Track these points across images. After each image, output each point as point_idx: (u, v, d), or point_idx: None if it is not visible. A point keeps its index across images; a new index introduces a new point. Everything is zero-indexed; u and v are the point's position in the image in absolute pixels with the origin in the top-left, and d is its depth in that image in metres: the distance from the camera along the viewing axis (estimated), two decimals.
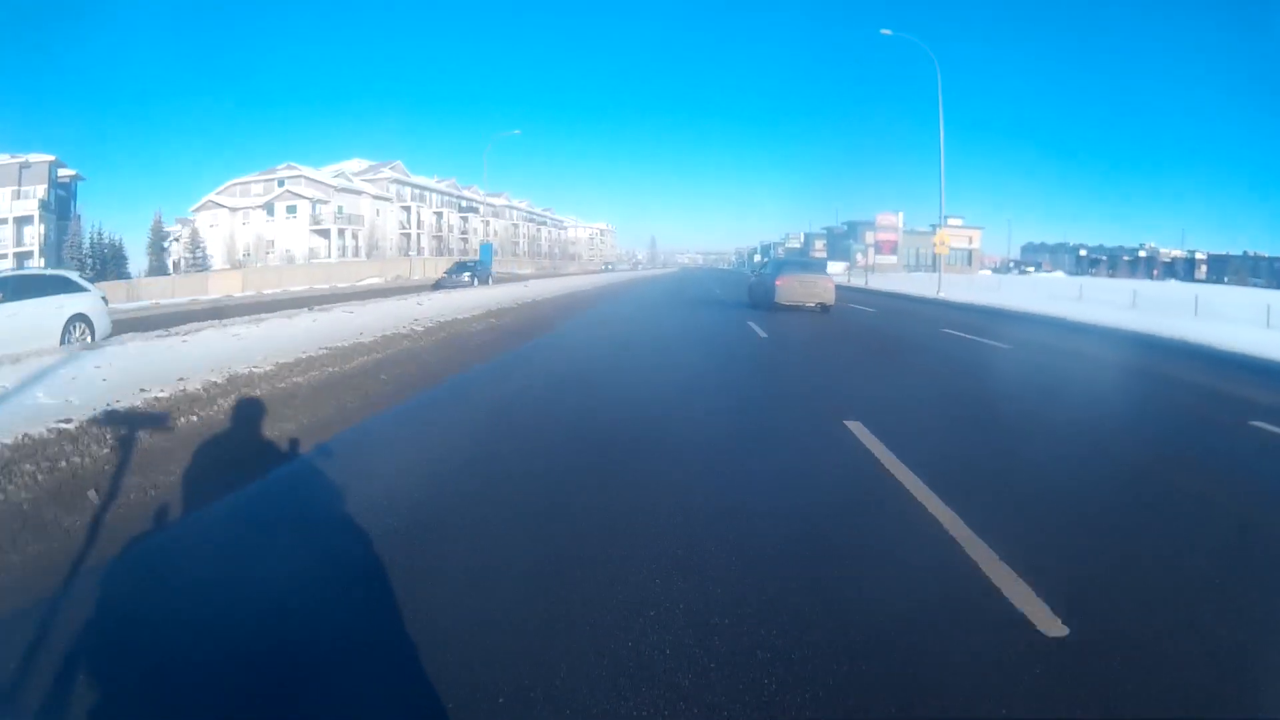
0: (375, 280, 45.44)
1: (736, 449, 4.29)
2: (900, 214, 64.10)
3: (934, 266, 79.05)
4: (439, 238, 67.76)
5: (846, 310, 17.54)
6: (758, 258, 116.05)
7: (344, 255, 54.93)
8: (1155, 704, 1.80)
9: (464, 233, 74.11)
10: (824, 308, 16.36)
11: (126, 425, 3.94)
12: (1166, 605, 2.35)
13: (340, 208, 56.87)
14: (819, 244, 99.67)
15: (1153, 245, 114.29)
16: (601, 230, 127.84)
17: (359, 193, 59.07)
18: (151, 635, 2.11)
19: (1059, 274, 70.71)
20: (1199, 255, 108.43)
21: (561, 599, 2.29)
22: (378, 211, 59.96)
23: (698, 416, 5.16)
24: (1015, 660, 1.98)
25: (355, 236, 56.77)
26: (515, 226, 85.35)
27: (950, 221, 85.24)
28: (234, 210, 60.15)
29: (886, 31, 26.85)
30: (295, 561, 2.60)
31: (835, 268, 64.50)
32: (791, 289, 16.55)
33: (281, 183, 58.89)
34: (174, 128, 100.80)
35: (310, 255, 54.95)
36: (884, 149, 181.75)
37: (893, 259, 62.28)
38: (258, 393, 5.22)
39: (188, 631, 2.13)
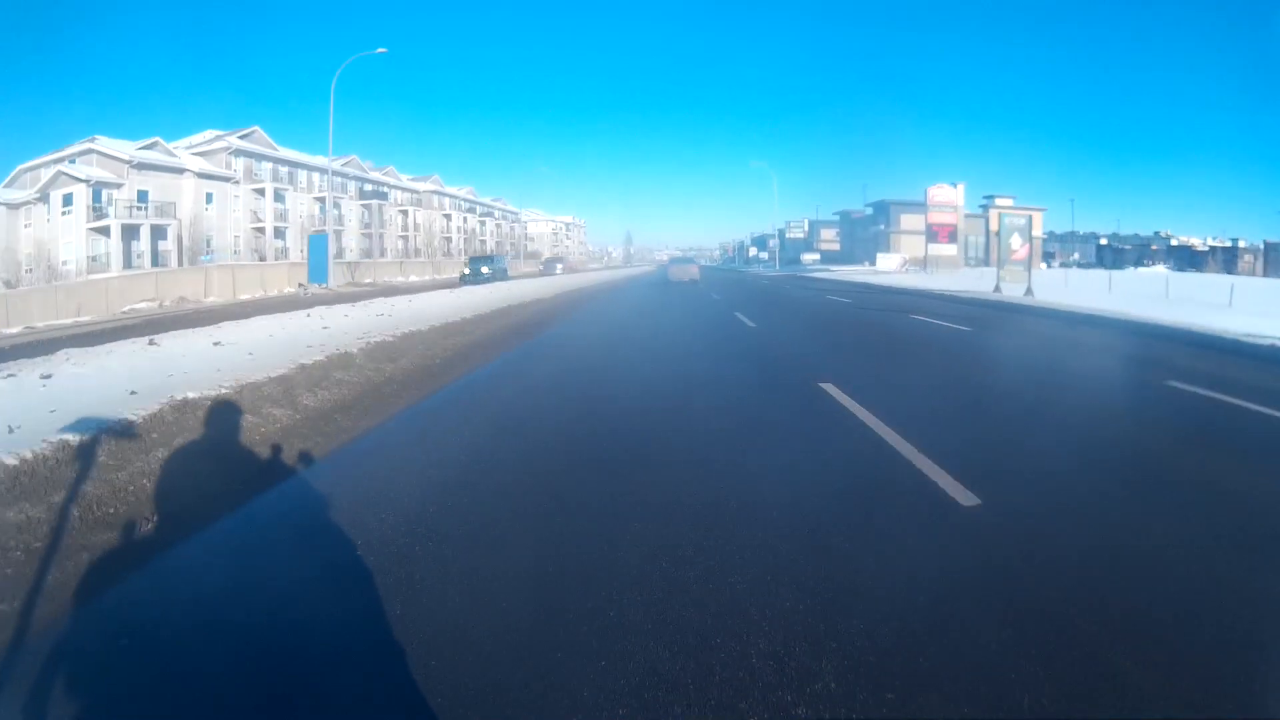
0: (143, 305, 27.15)
1: None
2: (961, 186, 46.23)
3: (985, 259, 61.32)
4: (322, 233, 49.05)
5: None
6: (753, 250, 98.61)
7: (140, 263, 36.25)
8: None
9: (367, 225, 55.44)
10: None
11: None
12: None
13: (143, 193, 38.17)
14: (827, 233, 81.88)
15: (1168, 233, 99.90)
16: (567, 224, 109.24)
17: (179, 170, 40.34)
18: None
19: (1160, 268, 53.28)
20: (1241, 244, 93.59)
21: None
22: (208, 197, 41.29)
23: None
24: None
25: (169, 235, 38.09)
26: (447, 218, 66.74)
27: (999, 201, 67.91)
28: (13, 207, 41.41)
29: None
30: None
31: (888, 262, 45.94)
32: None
33: (73, 161, 40.18)
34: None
35: (91, 264, 36.37)
36: (891, 130, 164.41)
37: (951, 249, 44.57)
38: None
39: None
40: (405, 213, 60.11)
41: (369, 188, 56.51)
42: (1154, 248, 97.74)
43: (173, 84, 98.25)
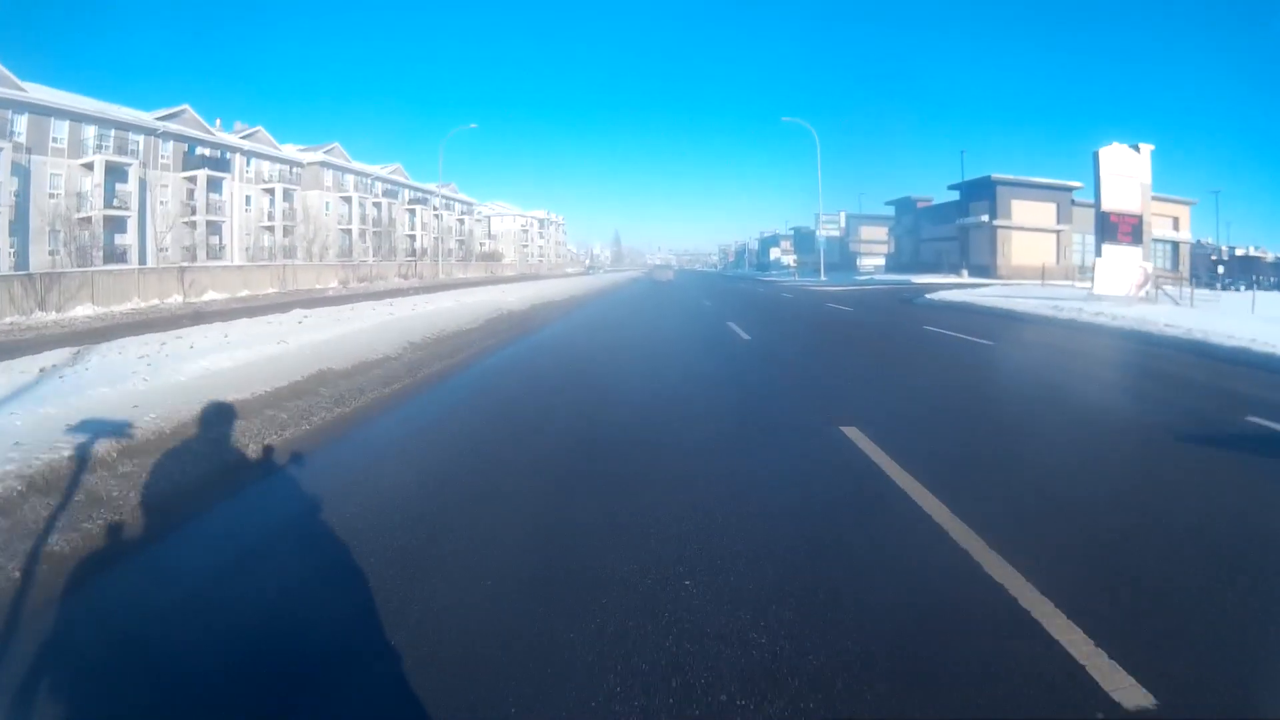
0: None
1: None
2: (1147, 150, 27.34)
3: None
4: (89, 220, 30.19)
5: None
6: (774, 253, 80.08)
7: None
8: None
9: (191, 209, 36.36)
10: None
11: None
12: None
13: None
14: (870, 231, 63.29)
15: (1209, 240, 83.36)
16: (540, 220, 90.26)
17: None
18: None
19: None
20: None
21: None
22: None
23: None
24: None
25: None
26: (346, 203, 47.58)
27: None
28: None
29: None
30: None
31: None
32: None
33: None
34: None
35: None
36: (920, 115, 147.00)
37: (1134, 253, 25.79)
38: None
39: None
40: (272, 192, 40.99)
41: (207, 152, 37.46)
42: (1213, 258, 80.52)
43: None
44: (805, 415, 5.04)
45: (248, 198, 40.31)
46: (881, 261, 42.68)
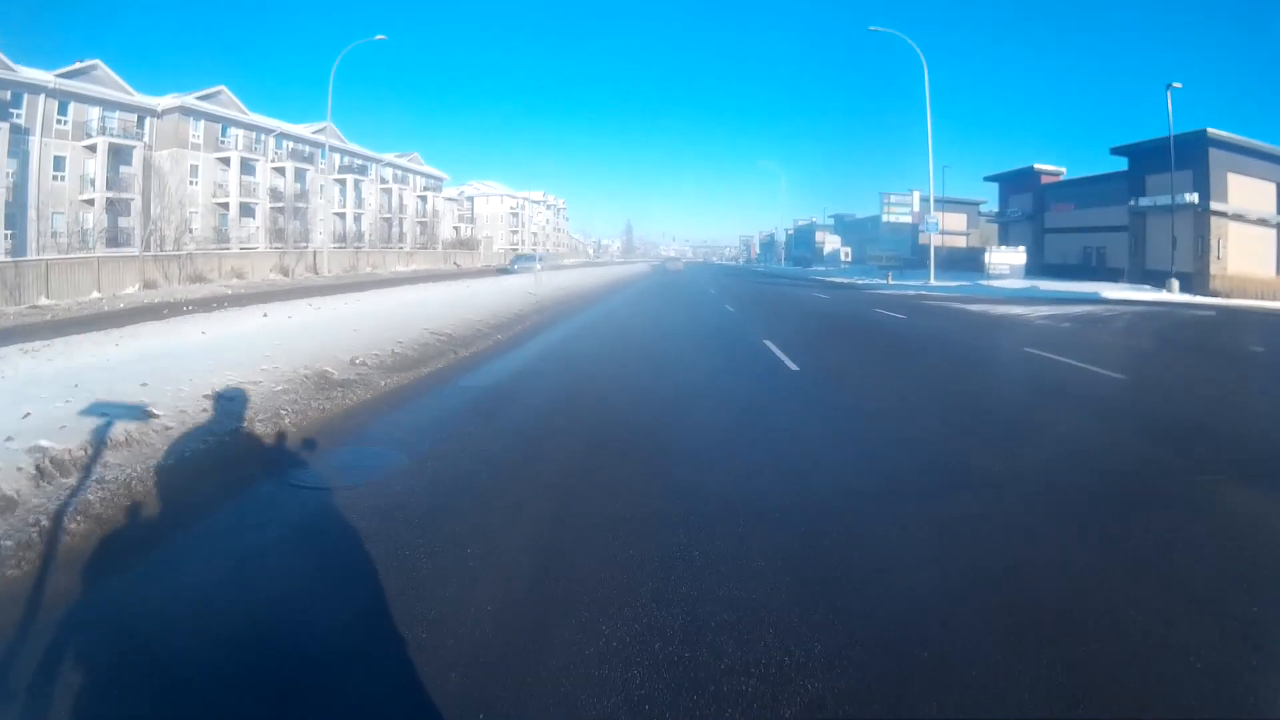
0: None
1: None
2: None
3: None
4: None
5: None
6: (827, 243, 65.70)
7: None
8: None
9: None
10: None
11: None
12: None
13: None
14: (945, 218, 48.69)
15: None
16: (536, 202, 76.85)
17: None
18: None
19: None
20: None
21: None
22: None
23: None
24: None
25: None
26: (224, 166, 34.72)
27: None
28: None
29: None
30: None
31: None
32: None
33: None
34: None
35: None
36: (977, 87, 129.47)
37: None
38: None
39: None
40: (94, 150, 28.32)
41: None
42: None
43: None
44: None
45: (58, 159, 27.83)
46: (1020, 261, 28.14)
